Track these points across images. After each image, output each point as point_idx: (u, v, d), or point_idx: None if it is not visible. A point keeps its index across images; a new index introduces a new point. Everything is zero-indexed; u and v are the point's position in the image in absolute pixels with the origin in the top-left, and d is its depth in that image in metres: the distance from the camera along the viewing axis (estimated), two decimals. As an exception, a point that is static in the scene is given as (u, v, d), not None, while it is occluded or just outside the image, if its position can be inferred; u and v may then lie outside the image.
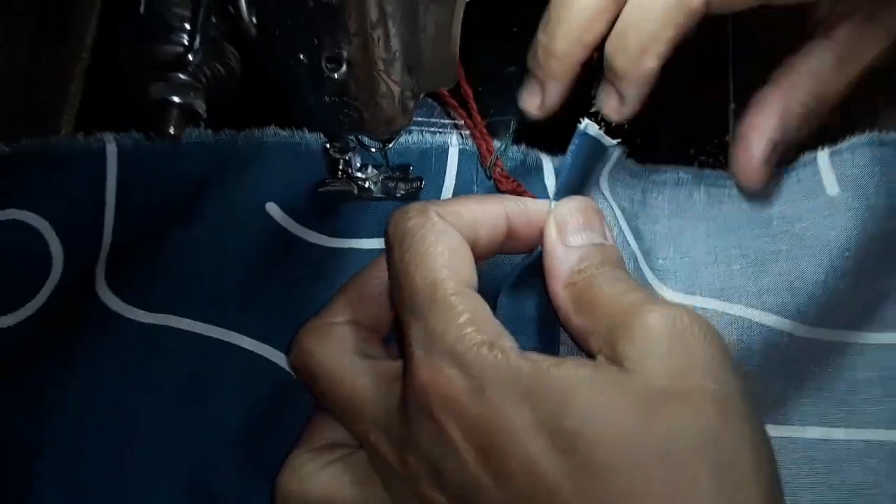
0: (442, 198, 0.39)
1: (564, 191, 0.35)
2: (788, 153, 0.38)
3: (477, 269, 0.30)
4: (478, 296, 0.29)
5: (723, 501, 0.24)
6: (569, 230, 0.32)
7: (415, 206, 0.31)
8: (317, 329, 0.32)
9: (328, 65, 0.27)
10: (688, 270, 0.38)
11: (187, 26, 0.25)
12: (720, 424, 0.25)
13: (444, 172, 0.39)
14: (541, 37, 0.35)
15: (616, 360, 0.27)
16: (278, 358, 0.36)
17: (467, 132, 0.39)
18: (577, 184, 0.36)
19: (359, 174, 0.38)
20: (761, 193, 0.39)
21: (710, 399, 0.25)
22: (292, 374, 0.34)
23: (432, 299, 0.28)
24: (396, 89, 0.30)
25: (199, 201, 0.38)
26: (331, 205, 0.38)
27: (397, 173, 0.38)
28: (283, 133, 0.38)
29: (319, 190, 0.38)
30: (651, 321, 0.27)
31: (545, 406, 0.26)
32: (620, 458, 0.25)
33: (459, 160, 0.39)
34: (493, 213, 0.32)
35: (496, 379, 0.26)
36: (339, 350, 0.31)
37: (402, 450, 0.28)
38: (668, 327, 0.27)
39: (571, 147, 0.35)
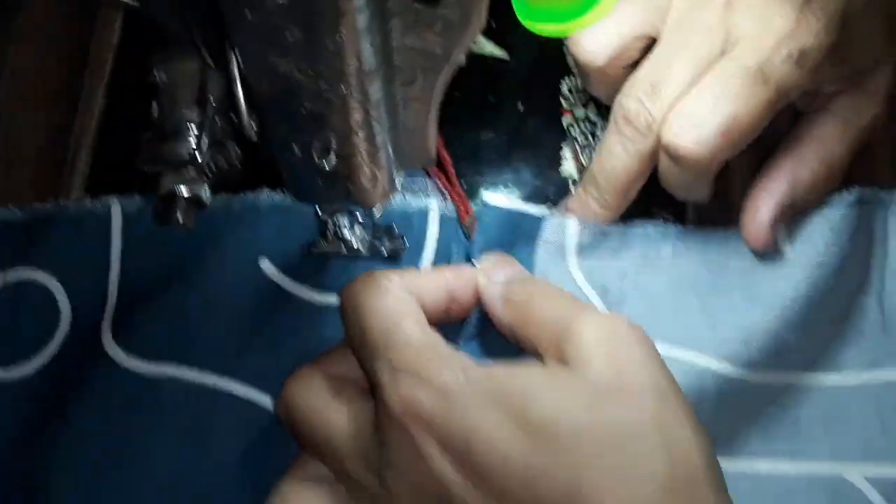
0: (423, 258, 0.43)
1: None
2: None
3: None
4: (430, 328, 0.34)
5: (674, 471, 0.28)
6: (493, 273, 0.38)
7: (361, 275, 0.36)
8: (299, 377, 0.36)
9: (319, 155, 0.32)
10: (651, 320, 0.42)
11: (196, 129, 0.29)
12: (661, 410, 0.30)
13: (426, 234, 0.43)
14: (590, 189, 0.42)
15: (565, 363, 0.32)
16: (268, 403, 0.40)
17: (446, 194, 0.44)
18: (497, 250, 0.41)
19: (346, 234, 0.42)
20: (718, 250, 0.44)
21: (649, 391, 0.30)
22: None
23: (388, 340, 0.33)
24: (380, 173, 0.34)
25: (197, 258, 0.42)
26: (321, 262, 0.43)
27: (383, 233, 0.43)
28: (276, 196, 0.43)
29: (311, 250, 0.42)
30: (589, 331, 0.32)
31: (510, 404, 0.29)
32: (580, 442, 0.29)
33: (441, 224, 0.43)
34: (433, 278, 0.38)
35: (460, 389, 0.30)
36: (318, 395, 0.35)
37: (380, 473, 0.31)
38: (605, 334, 0.32)
39: (481, 220, 0.42)
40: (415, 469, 0.30)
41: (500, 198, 0.42)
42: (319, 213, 0.41)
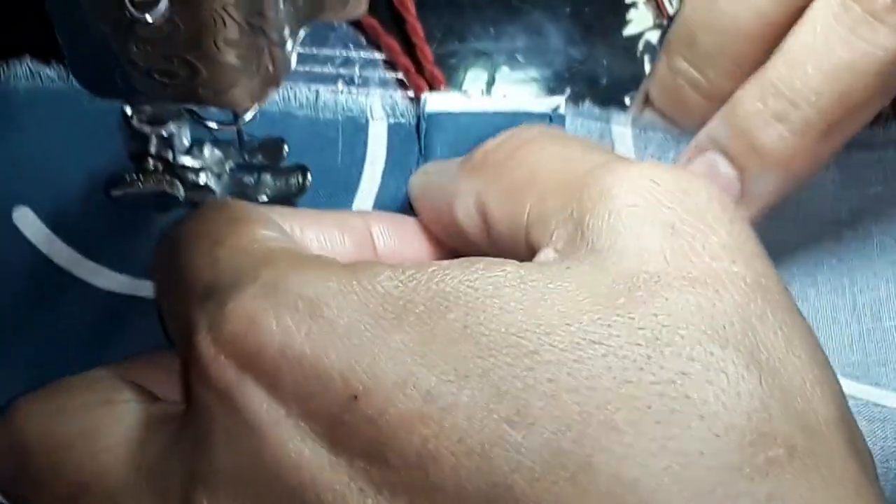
0: (355, 204, 0.44)
1: None
2: None
3: None
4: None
5: (777, 421, 0.29)
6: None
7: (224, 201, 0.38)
8: (48, 388, 0.38)
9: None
10: None
11: None
12: (757, 310, 0.31)
13: (362, 164, 0.44)
14: (678, 61, 0.43)
15: (576, 249, 0.34)
16: None
17: (398, 78, 0.44)
18: None
19: (187, 161, 0.42)
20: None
21: (739, 282, 0.32)
22: None
23: (217, 254, 0.36)
24: (256, 33, 0.34)
25: None
26: (133, 217, 0.43)
27: (259, 158, 0.42)
28: (48, 73, 0.42)
29: (113, 193, 0.41)
30: (625, 187, 0.34)
31: (442, 318, 0.31)
32: (581, 372, 0.30)
33: (390, 141, 0.44)
34: (341, 217, 0.41)
35: (341, 296, 0.32)
36: (80, 402, 0.37)
37: (189, 498, 0.33)
38: (664, 193, 0.34)
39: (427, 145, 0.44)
40: (254, 468, 0.32)
41: (457, 98, 0.43)
42: (133, 118, 0.41)
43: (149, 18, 0.32)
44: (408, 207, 0.44)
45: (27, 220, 0.43)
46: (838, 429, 0.30)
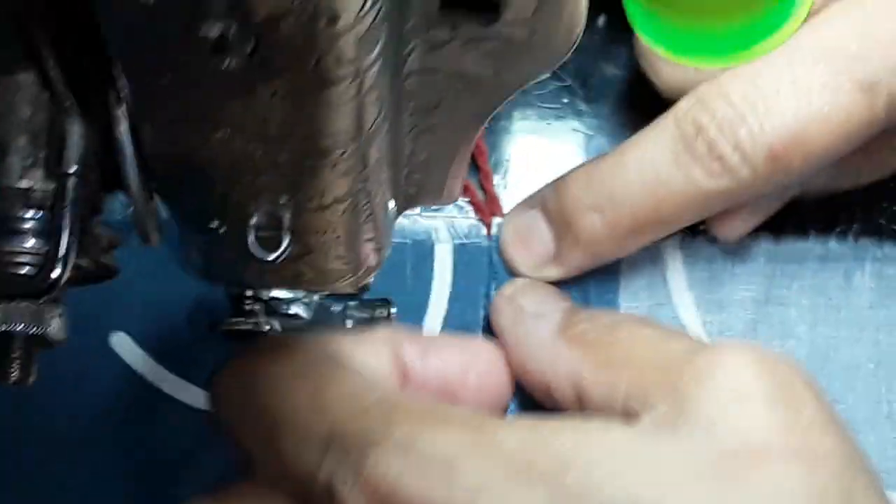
0: (425, 324, 0.46)
1: None
2: None
3: None
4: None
5: None
6: (531, 301, 0.45)
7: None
8: None
9: (259, 233, 0.33)
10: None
11: (40, 218, 0.31)
12: (848, 482, 0.35)
13: (429, 286, 0.46)
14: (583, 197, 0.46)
15: (678, 421, 0.37)
16: None
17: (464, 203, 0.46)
18: None
19: (279, 293, 0.44)
20: None
21: (832, 457, 0.35)
22: None
23: (316, 398, 0.39)
24: (365, 247, 0.36)
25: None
26: (223, 340, 0.45)
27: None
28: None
29: (217, 329, 0.44)
30: (725, 371, 0.37)
31: (563, 476, 0.35)
32: None
33: (456, 265, 0.46)
34: (421, 342, 0.44)
35: (471, 456, 0.36)
36: None
37: None
38: (757, 372, 0.37)
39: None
40: None
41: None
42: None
43: (267, 258, 0.34)
44: (476, 327, 0.47)
45: (124, 345, 0.45)
46: None
